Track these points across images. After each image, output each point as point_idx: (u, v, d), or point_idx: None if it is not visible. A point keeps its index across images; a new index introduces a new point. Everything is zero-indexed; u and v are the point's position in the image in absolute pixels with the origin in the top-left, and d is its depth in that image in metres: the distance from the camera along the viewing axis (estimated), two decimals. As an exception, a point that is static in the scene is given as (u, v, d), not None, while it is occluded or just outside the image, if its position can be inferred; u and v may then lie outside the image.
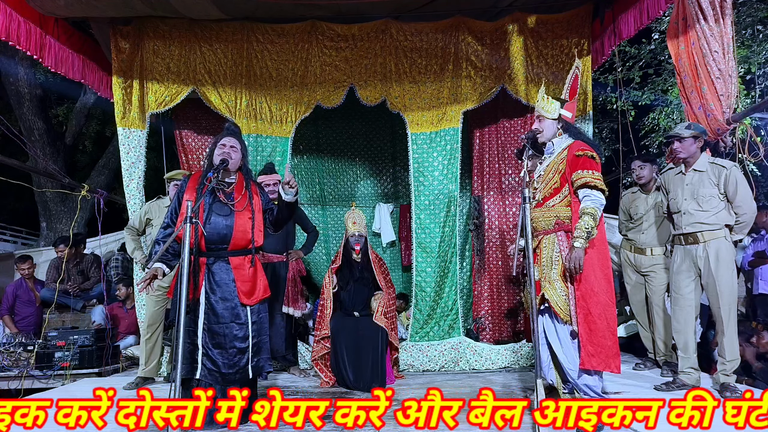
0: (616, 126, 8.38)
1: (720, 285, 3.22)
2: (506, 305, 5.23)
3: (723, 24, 3.52)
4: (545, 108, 2.97)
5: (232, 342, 2.87)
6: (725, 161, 3.36)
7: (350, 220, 4.14)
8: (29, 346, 4.62)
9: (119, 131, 4.52)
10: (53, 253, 6.63)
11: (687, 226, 3.34)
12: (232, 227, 2.90)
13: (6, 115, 6.80)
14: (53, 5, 4.06)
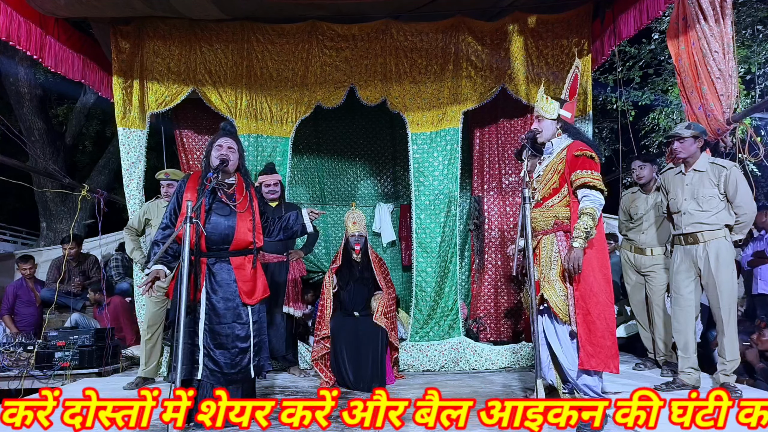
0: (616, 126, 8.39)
1: (720, 285, 3.22)
2: (506, 305, 5.23)
3: (723, 24, 3.52)
4: (544, 108, 2.97)
5: (234, 342, 2.87)
6: (725, 161, 3.36)
7: (350, 220, 4.14)
8: (29, 346, 4.62)
9: (119, 131, 4.52)
10: (53, 253, 6.65)
11: (687, 226, 3.34)
12: (235, 228, 2.90)
13: (6, 115, 6.80)
14: (53, 5, 4.06)
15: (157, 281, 2.82)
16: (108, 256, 6.57)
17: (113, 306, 5.34)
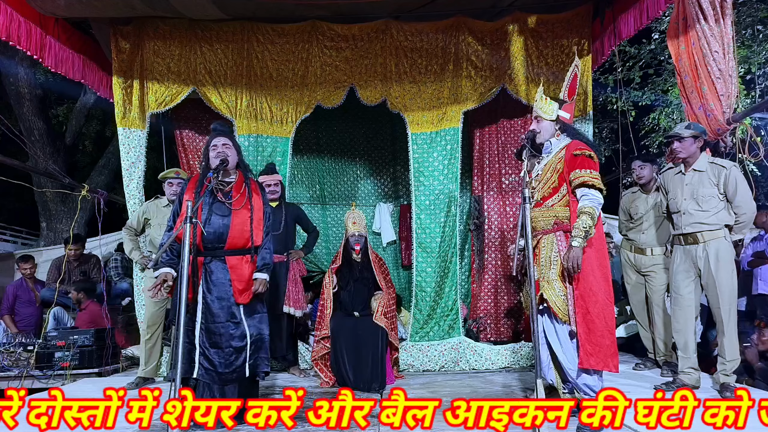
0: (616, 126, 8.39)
1: (720, 285, 3.22)
2: (506, 305, 5.23)
3: (723, 24, 3.52)
4: (543, 109, 2.97)
5: (228, 341, 2.87)
6: (725, 161, 3.35)
7: (350, 220, 4.14)
8: (29, 346, 4.62)
9: (119, 131, 4.52)
10: (53, 253, 6.65)
11: (687, 226, 3.34)
12: (229, 226, 2.89)
13: (6, 115, 6.79)
14: (53, 5, 4.06)
15: (165, 283, 2.83)
16: (108, 256, 6.57)
17: (88, 311, 5.30)
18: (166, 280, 2.83)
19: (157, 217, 4.10)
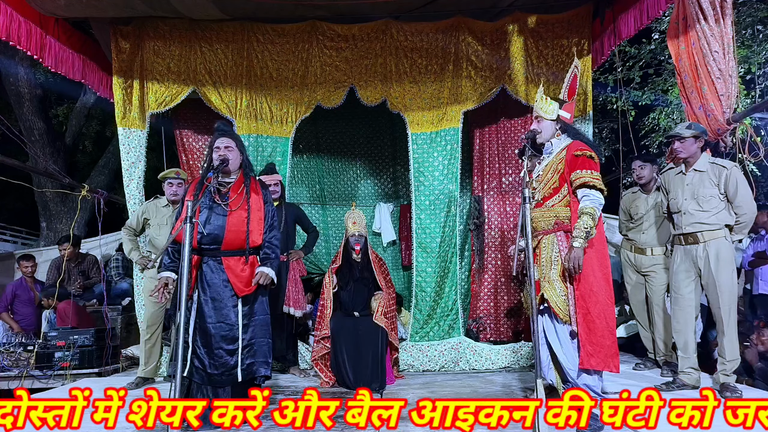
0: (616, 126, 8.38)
1: (720, 285, 3.22)
2: (506, 305, 5.23)
3: (723, 24, 3.52)
4: (543, 109, 2.97)
5: (219, 343, 2.85)
6: (726, 161, 3.35)
7: (350, 220, 4.14)
8: (29, 346, 4.62)
9: (119, 131, 4.52)
10: (53, 253, 6.62)
11: (687, 226, 3.34)
12: (224, 227, 2.88)
13: (6, 115, 6.79)
14: (53, 5, 4.06)
15: (166, 287, 2.83)
16: (108, 256, 6.57)
17: (59, 310, 5.29)
18: (167, 284, 2.83)
19: (157, 217, 4.10)
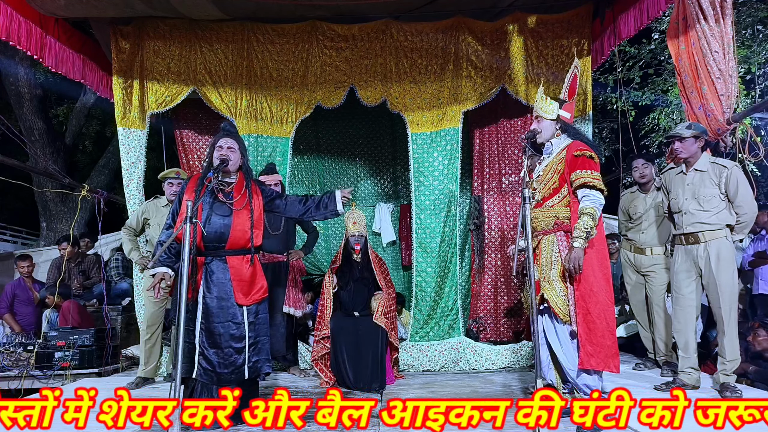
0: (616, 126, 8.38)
1: (720, 285, 3.22)
2: (506, 305, 5.23)
3: (723, 24, 3.52)
4: (543, 108, 2.97)
5: (227, 342, 2.86)
6: (726, 161, 3.35)
7: (350, 220, 4.14)
8: (29, 346, 4.62)
9: (119, 131, 4.52)
10: (53, 253, 6.64)
11: (688, 226, 3.34)
12: (230, 226, 2.89)
13: (6, 115, 6.80)
14: (53, 5, 4.06)
15: (163, 282, 2.83)
16: (110, 255, 6.57)
17: (63, 309, 5.31)
18: (164, 279, 2.83)
19: (157, 216, 4.10)
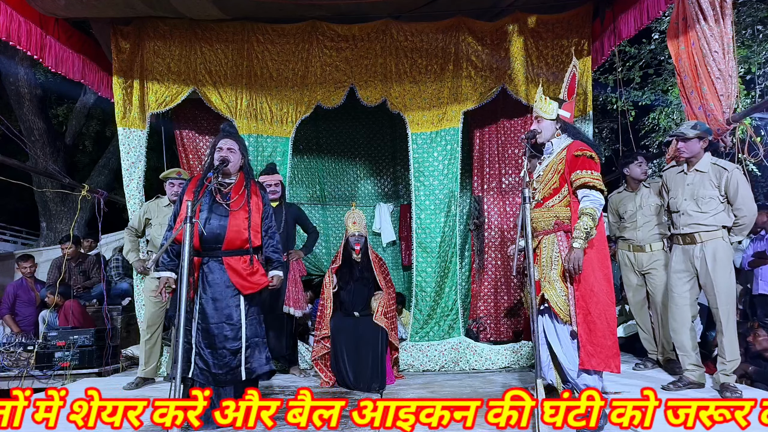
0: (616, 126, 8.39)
1: (717, 285, 3.23)
2: (506, 305, 5.23)
3: (723, 24, 3.53)
4: (543, 108, 2.97)
5: (222, 342, 2.85)
6: (727, 163, 3.35)
7: (350, 220, 4.14)
8: (29, 346, 4.62)
9: (119, 131, 4.52)
10: (53, 253, 6.64)
11: (685, 226, 3.35)
12: (226, 227, 2.89)
13: (6, 115, 6.80)
14: (53, 5, 4.07)
15: (167, 286, 2.87)
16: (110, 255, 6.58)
17: (65, 309, 5.32)
18: (168, 284, 2.86)
19: (158, 216, 4.10)
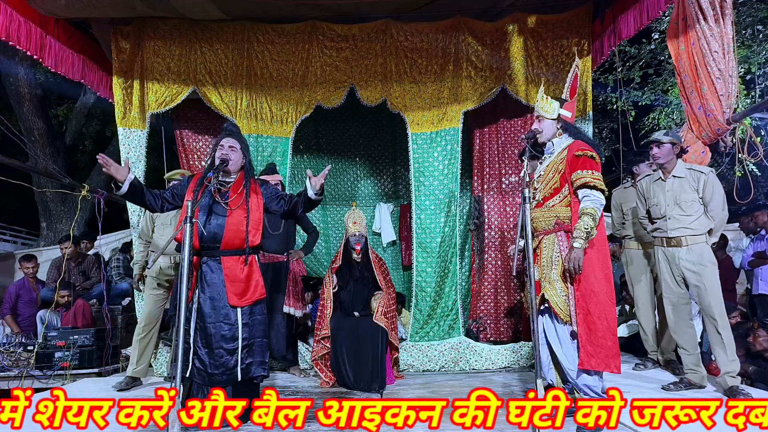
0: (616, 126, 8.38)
1: (708, 288, 3.25)
2: (506, 305, 5.23)
3: (723, 24, 3.53)
4: (544, 108, 2.97)
5: (219, 342, 2.85)
6: (702, 167, 3.43)
7: (350, 220, 4.15)
8: (29, 346, 4.62)
9: (119, 131, 4.52)
10: (53, 253, 6.65)
11: (672, 230, 3.38)
12: (224, 226, 2.88)
13: (6, 115, 6.80)
14: (53, 5, 4.06)
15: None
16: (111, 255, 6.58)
17: (75, 308, 5.32)
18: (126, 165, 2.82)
19: (161, 216, 4.07)
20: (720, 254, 5.19)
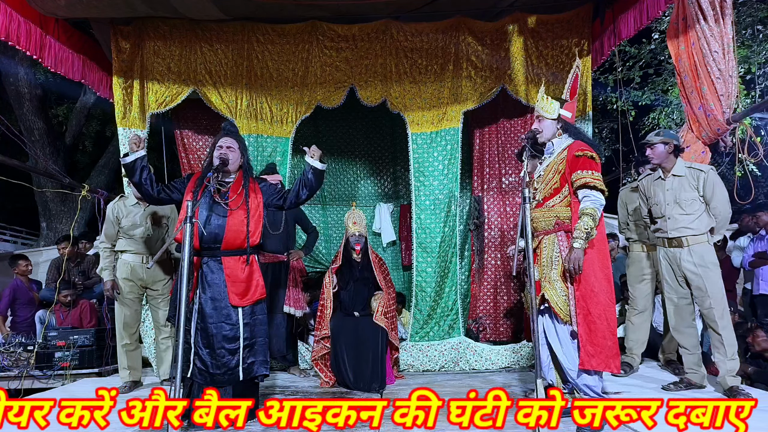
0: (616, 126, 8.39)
1: (709, 288, 3.24)
2: (506, 305, 5.23)
3: (723, 24, 3.53)
4: (545, 108, 2.97)
5: (220, 342, 2.85)
6: (702, 165, 3.40)
7: (350, 220, 4.15)
8: (29, 346, 4.62)
9: (119, 131, 4.52)
10: (53, 253, 6.63)
11: (672, 230, 3.36)
12: (224, 226, 2.88)
13: (6, 115, 6.79)
14: (53, 5, 4.06)
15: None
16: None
17: (80, 308, 5.31)
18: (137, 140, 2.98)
19: (128, 217, 3.91)
20: (720, 254, 5.19)
